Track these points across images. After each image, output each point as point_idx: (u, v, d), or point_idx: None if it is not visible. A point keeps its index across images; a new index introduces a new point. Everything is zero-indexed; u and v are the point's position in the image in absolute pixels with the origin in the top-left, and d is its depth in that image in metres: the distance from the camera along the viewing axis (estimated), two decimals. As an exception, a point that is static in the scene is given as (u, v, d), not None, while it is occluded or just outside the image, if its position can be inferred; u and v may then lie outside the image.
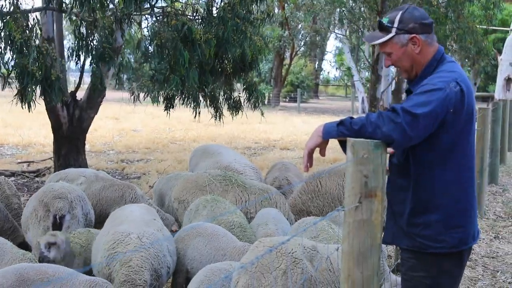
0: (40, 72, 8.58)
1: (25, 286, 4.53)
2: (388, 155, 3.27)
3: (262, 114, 12.79)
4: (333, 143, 3.54)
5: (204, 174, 7.47)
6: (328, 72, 72.28)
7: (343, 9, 24.12)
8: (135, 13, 9.58)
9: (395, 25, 3.44)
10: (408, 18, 3.44)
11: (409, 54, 3.47)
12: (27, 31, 8.79)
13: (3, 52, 8.85)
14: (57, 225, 6.36)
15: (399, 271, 6.93)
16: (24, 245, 6.66)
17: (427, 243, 3.43)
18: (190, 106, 12.04)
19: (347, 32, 32.99)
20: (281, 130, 24.31)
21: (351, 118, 3.28)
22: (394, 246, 7.13)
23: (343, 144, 3.26)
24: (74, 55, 9.84)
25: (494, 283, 6.78)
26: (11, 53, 8.77)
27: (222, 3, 10.52)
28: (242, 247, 5.43)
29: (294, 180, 8.81)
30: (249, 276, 3.76)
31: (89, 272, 5.30)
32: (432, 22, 3.51)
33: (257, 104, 12.31)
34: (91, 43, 9.52)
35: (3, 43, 8.70)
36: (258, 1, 10.90)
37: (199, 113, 12.16)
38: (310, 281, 3.82)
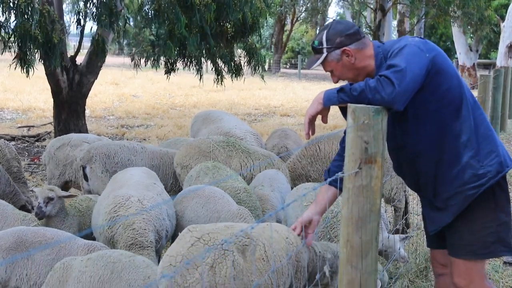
0: (42, 35, 8.52)
1: (23, 248, 4.57)
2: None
3: (262, 77, 12.73)
4: (334, 110, 3.56)
5: (207, 140, 7.43)
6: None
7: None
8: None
9: (324, 45, 3.56)
10: (333, 34, 3.54)
11: (347, 66, 3.56)
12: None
13: (7, 16, 8.77)
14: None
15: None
16: (25, 209, 6.70)
17: (473, 185, 3.48)
18: (192, 71, 12.00)
19: (349, -2, 32.74)
20: (281, 97, 24.27)
21: (351, 84, 3.30)
22: (393, 211, 7.18)
23: (344, 110, 3.29)
24: (76, 18, 9.75)
25: (492, 249, 6.83)
26: (14, 16, 8.68)
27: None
28: (236, 211, 5.43)
29: (293, 148, 8.81)
30: (173, 272, 3.34)
31: (88, 237, 5.34)
32: (357, 29, 3.59)
33: (257, 68, 12.24)
34: (96, 5, 9.42)
35: (4, 5, 8.58)
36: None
37: (201, 76, 12.13)
38: (242, 273, 3.48)
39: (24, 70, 9.28)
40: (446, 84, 3.42)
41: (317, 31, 57.06)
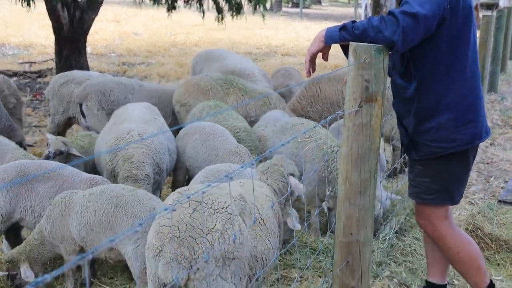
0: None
1: (25, 180, 4.65)
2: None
3: (263, 17, 12.62)
4: (335, 49, 3.56)
5: (206, 78, 7.46)
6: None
7: None
8: None
9: None
10: None
11: None
12: None
13: None
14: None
15: (396, 175, 7.12)
16: (21, 146, 6.72)
17: (442, 145, 3.52)
18: (193, 8, 11.89)
19: None
20: (283, 36, 24.06)
21: (353, 22, 3.28)
22: (392, 150, 7.27)
23: (345, 49, 3.28)
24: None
25: (487, 187, 6.96)
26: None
27: None
28: (234, 149, 5.50)
29: (295, 88, 8.80)
30: (177, 244, 2.84)
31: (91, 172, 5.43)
32: None
33: (257, 7, 12.12)
34: None
35: None
36: None
37: (203, 14, 12.04)
38: (246, 238, 3.10)
39: (25, 4, 9.22)
40: (446, 42, 3.36)
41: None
